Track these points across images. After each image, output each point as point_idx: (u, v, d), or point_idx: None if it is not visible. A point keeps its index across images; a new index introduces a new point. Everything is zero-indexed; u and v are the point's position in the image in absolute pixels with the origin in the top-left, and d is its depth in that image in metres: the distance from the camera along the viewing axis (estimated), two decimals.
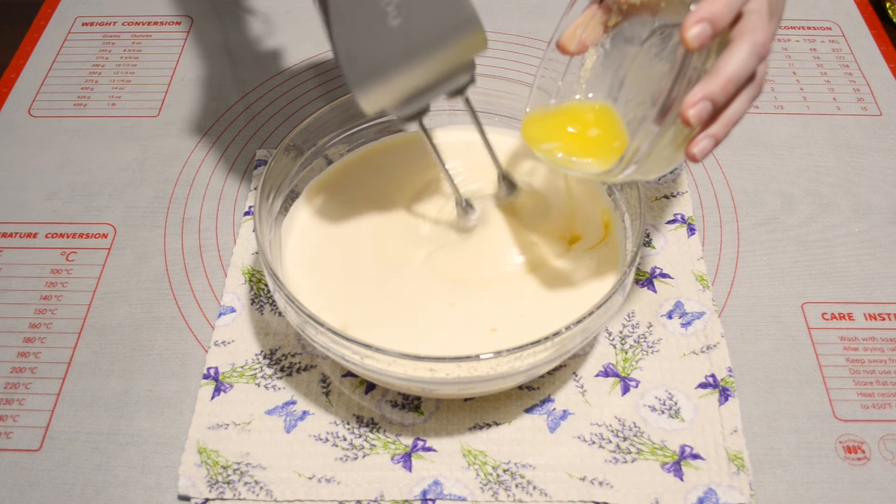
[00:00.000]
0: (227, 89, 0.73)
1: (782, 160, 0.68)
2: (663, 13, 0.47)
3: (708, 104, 0.40)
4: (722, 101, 0.40)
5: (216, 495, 0.48)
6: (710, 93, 0.40)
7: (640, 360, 0.54)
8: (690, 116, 0.40)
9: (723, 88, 0.40)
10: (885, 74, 0.75)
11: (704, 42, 0.39)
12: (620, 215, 0.53)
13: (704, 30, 0.39)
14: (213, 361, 0.54)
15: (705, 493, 0.48)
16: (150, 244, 0.62)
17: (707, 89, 0.40)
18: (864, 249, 0.61)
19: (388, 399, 0.53)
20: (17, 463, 0.51)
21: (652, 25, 0.48)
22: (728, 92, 0.40)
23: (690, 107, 0.40)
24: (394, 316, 0.51)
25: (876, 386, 0.54)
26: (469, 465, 0.50)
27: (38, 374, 0.55)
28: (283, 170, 0.54)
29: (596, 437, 0.51)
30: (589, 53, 0.50)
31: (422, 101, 0.47)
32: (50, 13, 0.82)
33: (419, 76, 0.45)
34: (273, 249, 0.52)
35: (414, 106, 0.47)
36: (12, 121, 0.71)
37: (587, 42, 0.49)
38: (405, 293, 0.52)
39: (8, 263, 0.61)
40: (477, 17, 0.44)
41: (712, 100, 0.40)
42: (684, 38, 0.39)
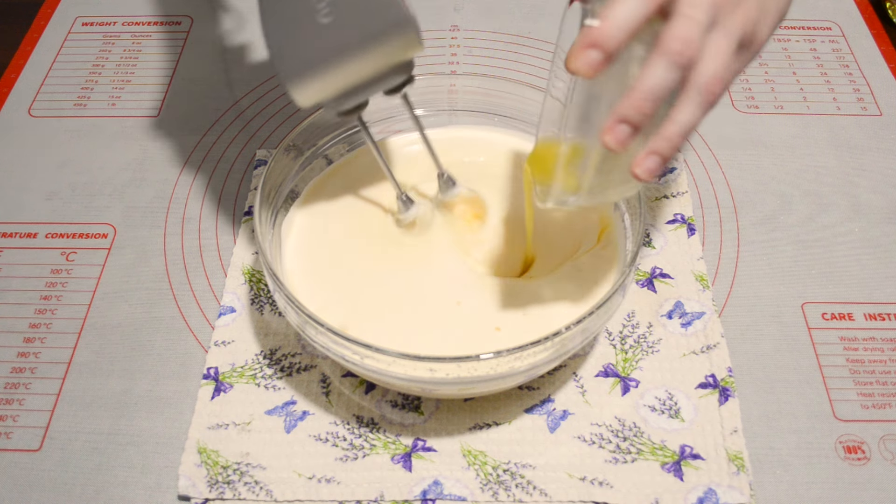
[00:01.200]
0: (228, 89, 0.73)
1: (782, 160, 0.68)
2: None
3: (625, 127, 0.38)
4: (639, 119, 0.38)
5: (216, 495, 0.48)
6: (624, 114, 0.37)
7: (640, 360, 0.54)
8: (609, 142, 0.38)
9: (637, 108, 0.37)
10: (885, 74, 0.75)
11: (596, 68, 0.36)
12: (620, 215, 0.53)
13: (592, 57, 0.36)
14: (213, 361, 0.54)
15: (705, 493, 0.48)
16: (150, 244, 0.62)
17: (620, 111, 0.37)
18: (863, 249, 0.61)
19: (388, 399, 0.53)
20: (17, 463, 0.51)
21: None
22: (644, 109, 0.37)
23: (607, 132, 0.38)
24: (394, 316, 0.51)
25: (876, 386, 0.54)
26: (469, 465, 0.50)
27: (38, 374, 0.55)
28: (283, 170, 0.54)
29: (596, 437, 0.51)
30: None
31: (357, 97, 0.47)
32: (50, 13, 0.82)
33: (351, 74, 0.45)
34: (273, 249, 0.52)
35: (349, 102, 0.47)
36: (12, 121, 0.71)
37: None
38: (405, 293, 0.52)
39: (8, 263, 0.61)
40: (410, 19, 0.44)
41: (627, 121, 0.38)
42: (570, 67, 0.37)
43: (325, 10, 0.43)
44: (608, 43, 0.36)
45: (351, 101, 0.47)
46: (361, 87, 0.47)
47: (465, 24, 0.80)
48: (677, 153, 0.40)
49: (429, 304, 0.51)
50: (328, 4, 0.43)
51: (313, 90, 0.45)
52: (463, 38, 0.78)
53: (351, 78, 0.46)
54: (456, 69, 0.75)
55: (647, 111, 0.37)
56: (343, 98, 0.47)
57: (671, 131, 0.39)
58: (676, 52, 0.37)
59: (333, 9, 0.43)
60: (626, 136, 0.38)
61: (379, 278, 0.52)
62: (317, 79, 0.45)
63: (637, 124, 0.38)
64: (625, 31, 0.37)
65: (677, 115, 0.38)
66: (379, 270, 0.53)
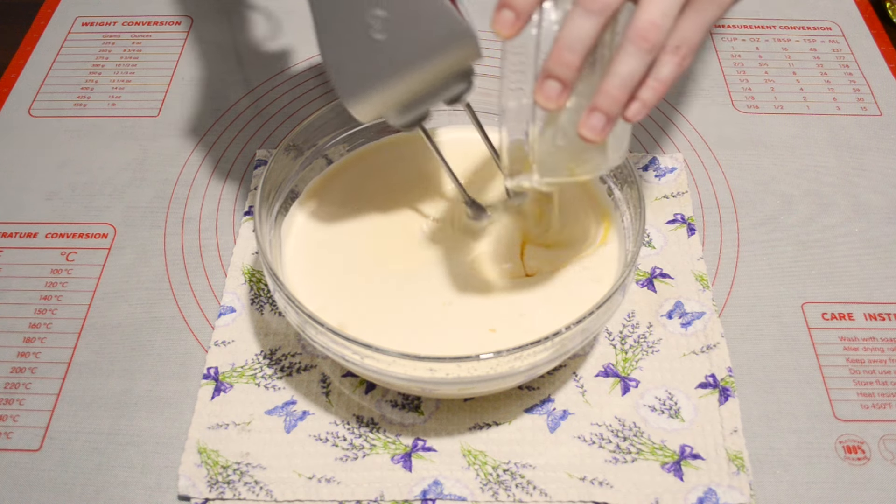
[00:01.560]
0: (227, 89, 0.74)
1: (782, 160, 0.68)
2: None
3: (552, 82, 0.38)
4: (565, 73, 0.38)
5: (216, 495, 0.48)
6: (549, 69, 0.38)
7: (640, 360, 0.54)
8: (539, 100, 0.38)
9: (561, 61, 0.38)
10: (885, 74, 0.75)
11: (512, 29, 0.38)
12: (620, 215, 0.53)
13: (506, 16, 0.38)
14: (213, 361, 0.54)
15: (705, 493, 0.48)
16: (150, 244, 0.62)
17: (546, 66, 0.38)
18: (864, 249, 0.61)
19: (388, 399, 0.53)
20: (17, 463, 0.51)
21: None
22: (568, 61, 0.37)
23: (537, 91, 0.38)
24: (394, 316, 0.51)
25: (876, 386, 0.54)
26: (469, 465, 0.50)
27: (38, 374, 0.55)
28: (283, 170, 0.54)
29: (596, 437, 0.51)
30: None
31: (418, 109, 0.47)
32: (50, 13, 0.82)
33: (410, 88, 0.45)
34: (273, 249, 0.52)
35: (410, 115, 0.47)
36: (12, 121, 0.71)
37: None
38: (406, 293, 0.52)
39: (8, 263, 0.61)
40: (466, 30, 0.43)
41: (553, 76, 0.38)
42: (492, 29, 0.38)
43: (379, 27, 0.42)
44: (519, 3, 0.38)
45: (412, 114, 0.47)
46: (421, 99, 0.46)
47: None
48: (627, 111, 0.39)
49: (429, 304, 0.51)
50: (382, 20, 0.42)
51: (372, 106, 0.45)
52: None
53: (409, 92, 0.45)
54: None
55: (573, 63, 0.37)
56: (404, 111, 0.46)
57: (610, 84, 0.38)
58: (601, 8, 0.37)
59: (387, 24, 0.42)
60: (556, 92, 0.38)
61: (379, 278, 0.53)
62: (374, 95, 0.44)
63: (565, 79, 0.37)
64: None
65: (614, 67, 0.38)
66: (379, 270, 0.53)
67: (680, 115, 0.71)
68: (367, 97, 0.44)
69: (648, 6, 0.37)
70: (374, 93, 0.44)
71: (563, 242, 0.54)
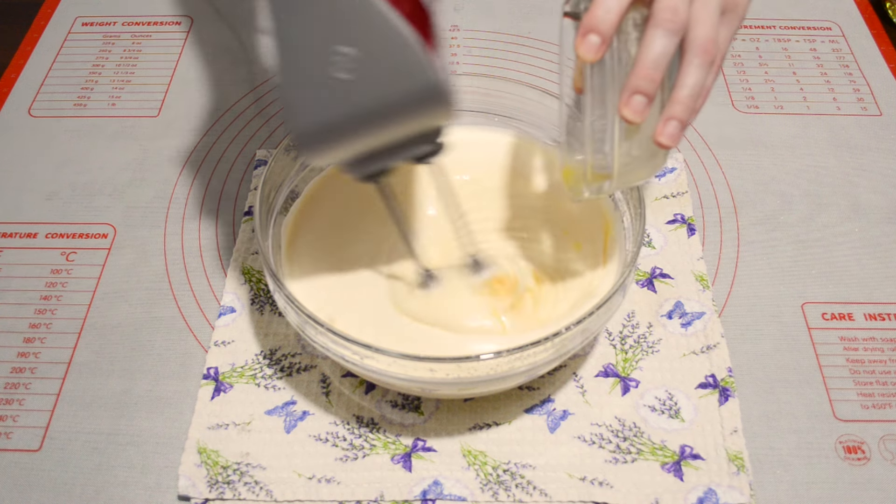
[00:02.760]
0: (227, 89, 0.74)
1: (782, 160, 0.68)
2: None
3: (639, 97, 0.40)
4: (650, 87, 0.40)
5: (216, 495, 0.48)
6: (636, 86, 0.40)
7: (640, 360, 0.54)
8: (627, 115, 0.40)
9: (646, 77, 0.40)
10: (885, 74, 0.75)
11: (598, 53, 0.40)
12: (620, 215, 0.53)
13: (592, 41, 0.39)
14: (213, 361, 0.54)
15: (705, 493, 0.48)
16: (150, 244, 0.62)
17: (632, 83, 0.40)
18: (863, 249, 0.61)
19: (388, 399, 0.53)
20: (17, 463, 0.51)
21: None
22: (653, 77, 0.40)
23: (624, 106, 0.40)
24: (394, 317, 0.51)
25: (876, 386, 0.54)
26: (469, 465, 0.50)
27: (38, 374, 0.55)
28: (283, 170, 0.54)
29: (596, 438, 0.51)
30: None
31: (378, 164, 0.42)
32: (50, 13, 0.82)
33: (369, 138, 0.40)
34: (273, 249, 0.52)
35: (367, 168, 0.42)
36: (12, 121, 0.71)
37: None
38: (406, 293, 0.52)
39: (8, 263, 0.61)
40: (442, 85, 0.38)
41: (640, 91, 0.40)
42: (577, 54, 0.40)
43: (348, 64, 0.37)
44: (602, 25, 0.39)
45: (369, 168, 0.42)
46: (381, 154, 0.41)
47: (465, 24, 0.80)
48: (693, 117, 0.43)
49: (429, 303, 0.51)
50: (349, 59, 0.37)
51: (325, 151, 0.40)
52: (463, 38, 0.78)
53: (369, 143, 0.40)
54: (456, 69, 0.75)
55: (656, 78, 0.40)
56: (360, 163, 0.42)
57: (682, 94, 0.41)
58: (668, 20, 0.40)
59: (356, 64, 0.37)
60: (643, 106, 0.40)
61: (379, 279, 0.53)
62: (328, 139, 0.39)
63: (649, 93, 0.40)
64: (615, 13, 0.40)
65: (684, 79, 0.41)
66: (379, 271, 0.53)
67: None
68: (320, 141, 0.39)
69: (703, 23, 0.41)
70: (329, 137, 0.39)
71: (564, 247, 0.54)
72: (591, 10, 0.39)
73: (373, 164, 0.42)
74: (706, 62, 0.41)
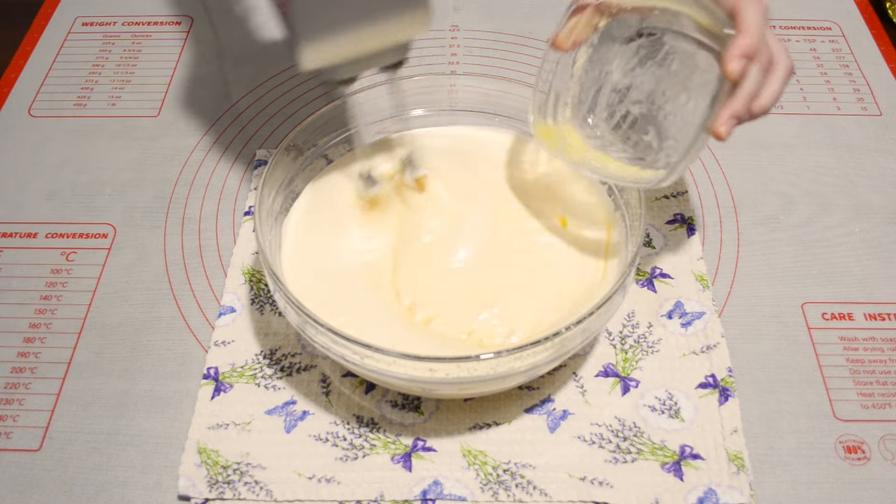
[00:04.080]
0: (227, 89, 0.73)
1: (782, 160, 0.68)
2: (653, 19, 0.50)
3: (734, 121, 0.46)
4: (745, 116, 0.46)
5: (216, 495, 0.48)
6: (737, 112, 0.45)
7: (640, 360, 0.54)
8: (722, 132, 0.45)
9: (744, 107, 0.46)
10: (885, 74, 0.75)
11: (743, 73, 0.44)
12: (620, 215, 0.53)
13: (743, 64, 0.44)
14: (213, 361, 0.54)
15: (705, 493, 0.48)
16: (150, 244, 0.62)
17: (734, 109, 0.45)
18: (863, 249, 0.61)
19: (388, 399, 0.53)
20: (17, 463, 0.51)
21: (638, 25, 0.51)
22: (749, 107, 0.46)
23: (721, 125, 0.45)
24: (394, 316, 0.51)
25: (876, 386, 0.54)
26: (469, 465, 0.50)
27: (38, 374, 0.55)
28: (283, 170, 0.54)
29: (596, 437, 0.51)
30: (580, 52, 0.52)
31: (356, 68, 0.48)
32: (50, 13, 0.82)
33: (362, 41, 0.46)
34: (273, 249, 0.52)
35: (347, 71, 0.48)
36: (12, 121, 0.71)
37: (579, 40, 0.51)
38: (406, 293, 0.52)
39: (8, 263, 0.61)
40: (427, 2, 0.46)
41: (738, 117, 0.46)
42: (725, 70, 0.44)
43: None
44: (755, 53, 0.45)
45: (348, 72, 0.48)
46: (363, 59, 0.48)
47: (465, 24, 0.80)
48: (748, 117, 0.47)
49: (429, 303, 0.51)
50: None
51: (324, 52, 0.46)
52: (463, 38, 0.78)
53: (360, 46, 0.46)
54: (456, 69, 0.75)
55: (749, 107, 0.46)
56: (346, 66, 0.48)
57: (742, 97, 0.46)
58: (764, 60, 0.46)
59: None
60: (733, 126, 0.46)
61: (379, 278, 0.53)
62: (332, 40, 0.45)
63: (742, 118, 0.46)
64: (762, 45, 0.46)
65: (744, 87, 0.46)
66: (379, 270, 0.53)
67: None
68: (322, 41, 0.45)
69: (755, 35, 0.45)
70: (333, 38, 0.45)
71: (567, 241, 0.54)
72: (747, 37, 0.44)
73: (351, 70, 0.48)
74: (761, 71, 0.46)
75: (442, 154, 0.58)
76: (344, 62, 0.47)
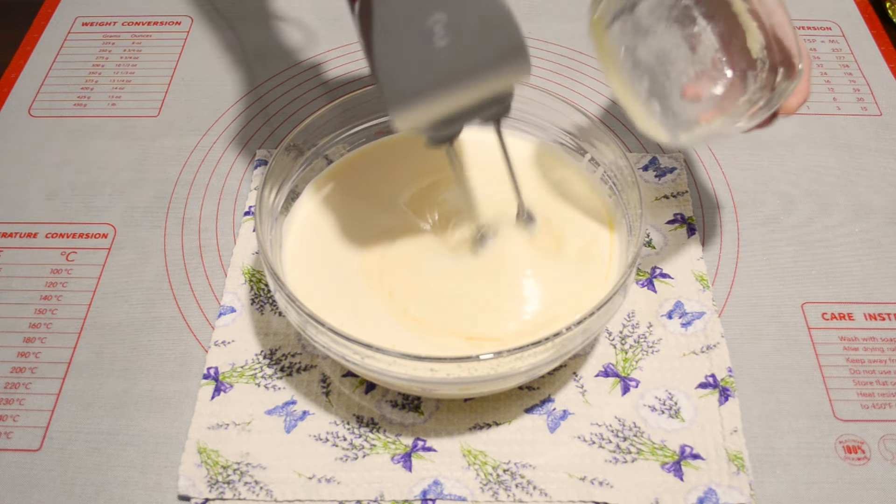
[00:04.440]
0: (227, 89, 0.74)
1: (782, 160, 0.68)
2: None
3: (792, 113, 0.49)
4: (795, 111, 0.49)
5: (216, 495, 0.48)
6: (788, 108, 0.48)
7: (640, 360, 0.54)
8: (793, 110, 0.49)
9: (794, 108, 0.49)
10: (885, 74, 0.75)
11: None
12: (621, 215, 0.53)
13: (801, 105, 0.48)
14: (213, 361, 0.54)
15: (705, 493, 0.48)
16: (150, 244, 0.62)
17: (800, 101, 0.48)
18: (864, 249, 0.61)
19: (388, 399, 0.53)
20: (17, 463, 0.51)
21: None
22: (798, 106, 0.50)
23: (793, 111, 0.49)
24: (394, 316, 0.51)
25: (876, 386, 0.54)
26: (469, 465, 0.50)
27: (38, 374, 0.55)
28: (283, 170, 0.54)
29: (596, 437, 0.51)
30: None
31: (455, 125, 0.45)
32: (50, 13, 0.82)
33: (458, 100, 0.44)
34: (273, 249, 0.52)
35: (447, 129, 0.46)
36: (12, 121, 0.71)
37: None
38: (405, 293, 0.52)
39: (8, 263, 0.61)
40: (525, 47, 0.43)
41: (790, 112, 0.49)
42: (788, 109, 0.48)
43: (442, 33, 0.41)
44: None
45: (448, 129, 0.45)
46: (462, 115, 0.45)
47: None
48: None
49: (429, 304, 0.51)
50: (445, 27, 0.41)
51: (416, 115, 0.43)
52: None
53: (456, 104, 0.44)
54: None
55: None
56: (442, 124, 0.45)
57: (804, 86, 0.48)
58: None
59: (450, 31, 0.41)
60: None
61: (379, 278, 0.52)
62: (423, 104, 0.43)
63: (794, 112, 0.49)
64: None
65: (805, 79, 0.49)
66: (379, 270, 0.53)
67: None
68: (414, 105, 0.42)
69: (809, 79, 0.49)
70: (424, 101, 0.42)
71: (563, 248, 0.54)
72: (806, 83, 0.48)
73: (450, 127, 0.45)
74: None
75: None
76: (442, 120, 0.44)
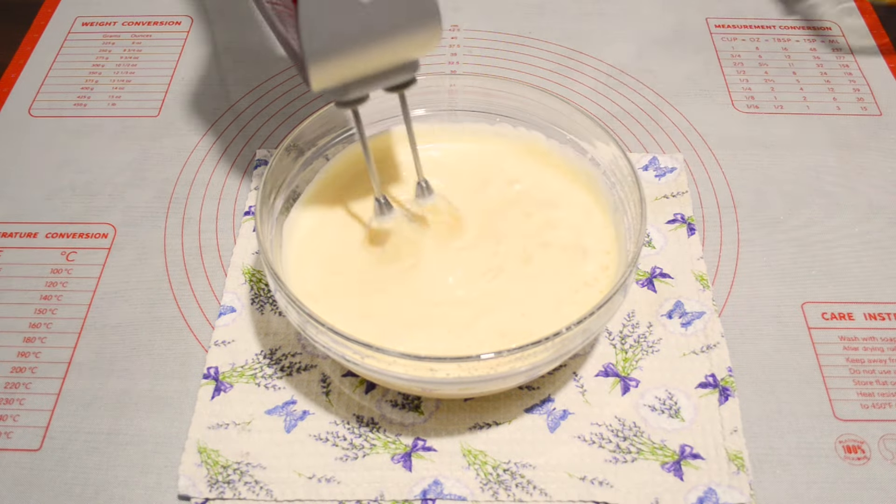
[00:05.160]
0: (227, 89, 0.74)
1: (782, 160, 0.68)
2: None
3: None
4: None
5: (216, 495, 0.48)
6: None
7: (640, 359, 0.54)
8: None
9: None
10: (886, 74, 0.75)
11: None
12: (621, 215, 0.53)
13: None
14: (214, 361, 0.54)
15: (705, 492, 0.48)
16: (150, 244, 0.62)
17: None
18: (864, 249, 0.61)
19: (388, 399, 0.53)
20: (17, 463, 0.51)
21: None
22: None
23: None
24: (395, 315, 0.51)
25: (876, 386, 0.54)
26: (469, 464, 0.50)
27: (38, 374, 0.55)
28: (283, 170, 0.54)
29: (596, 437, 0.51)
30: None
31: (364, 88, 0.47)
32: (50, 13, 0.82)
33: (372, 60, 0.45)
34: (273, 249, 0.52)
35: (355, 92, 0.48)
36: (12, 121, 0.71)
37: None
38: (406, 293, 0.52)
39: (8, 263, 0.61)
40: (440, 15, 0.45)
41: None
42: None
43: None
44: None
45: (357, 92, 0.48)
46: (371, 79, 0.47)
47: (465, 24, 0.80)
48: None
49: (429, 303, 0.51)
50: None
51: (333, 72, 0.45)
52: (463, 38, 0.78)
53: (370, 65, 0.46)
54: (456, 69, 0.75)
55: None
56: (352, 87, 0.47)
57: None
58: None
59: None
60: None
61: (380, 278, 0.53)
62: (340, 61, 0.44)
63: None
64: None
65: None
66: (380, 270, 0.53)
67: (680, 115, 0.71)
68: (332, 62, 0.44)
69: None
70: (341, 58, 0.44)
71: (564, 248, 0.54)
72: None
73: (360, 90, 0.47)
74: None
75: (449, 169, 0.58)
76: (353, 81, 0.47)
